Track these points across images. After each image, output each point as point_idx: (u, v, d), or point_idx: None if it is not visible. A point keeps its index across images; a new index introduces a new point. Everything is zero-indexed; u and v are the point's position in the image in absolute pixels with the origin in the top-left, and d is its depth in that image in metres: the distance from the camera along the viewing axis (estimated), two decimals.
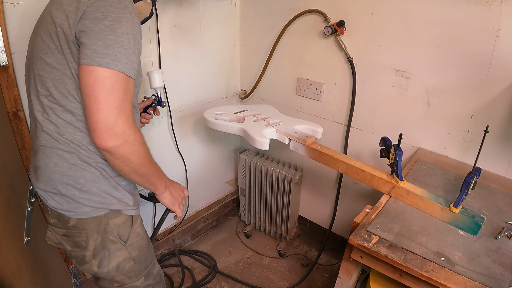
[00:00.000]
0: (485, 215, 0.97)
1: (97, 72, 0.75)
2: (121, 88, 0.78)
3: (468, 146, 1.28)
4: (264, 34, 1.73)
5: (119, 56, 0.77)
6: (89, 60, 0.75)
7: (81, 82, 0.77)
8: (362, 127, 1.55)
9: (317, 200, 1.88)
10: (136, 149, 0.82)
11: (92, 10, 0.76)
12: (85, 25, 0.76)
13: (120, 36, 0.77)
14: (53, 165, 0.85)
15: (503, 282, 0.77)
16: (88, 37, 0.76)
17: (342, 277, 1.07)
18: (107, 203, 0.89)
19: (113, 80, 0.76)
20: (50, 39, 0.81)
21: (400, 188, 1.03)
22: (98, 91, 0.75)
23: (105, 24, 0.76)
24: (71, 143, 0.84)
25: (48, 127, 0.84)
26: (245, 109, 1.49)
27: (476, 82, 1.19)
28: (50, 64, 0.82)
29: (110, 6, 0.77)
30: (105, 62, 0.75)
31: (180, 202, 1.04)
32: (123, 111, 0.77)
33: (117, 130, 0.76)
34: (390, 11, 1.30)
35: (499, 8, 1.07)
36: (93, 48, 0.75)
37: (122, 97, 0.78)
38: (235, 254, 1.95)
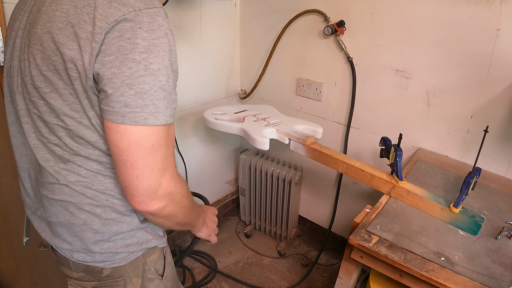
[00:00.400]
0: (485, 215, 0.97)
1: (132, 132, 0.57)
2: (163, 143, 0.61)
3: (468, 146, 1.28)
4: (264, 34, 1.73)
5: (159, 104, 0.58)
6: (118, 117, 0.56)
7: (110, 142, 0.59)
8: (362, 127, 1.55)
9: (317, 200, 1.88)
10: (181, 205, 0.69)
11: (114, 36, 0.55)
12: (107, 64, 0.55)
13: (157, 75, 0.57)
14: (81, 223, 0.70)
15: (503, 282, 0.77)
16: (113, 84, 0.55)
17: (342, 277, 1.07)
18: (145, 243, 0.76)
19: (153, 138, 0.59)
20: (56, 75, 0.60)
21: (400, 188, 1.03)
22: (136, 155, 0.58)
23: (136, 59, 0.55)
24: (101, 194, 0.69)
25: (68, 179, 0.67)
26: (245, 109, 1.49)
27: (476, 82, 1.19)
28: (58, 109, 0.62)
29: (140, 28, 0.56)
30: (142, 118, 0.57)
31: (215, 229, 0.94)
32: (167, 169, 0.62)
33: (162, 192, 0.62)
34: (390, 11, 1.30)
35: (499, 8, 1.07)
36: (123, 101, 0.56)
37: (165, 153, 0.62)
38: (235, 254, 1.95)
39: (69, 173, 0.67)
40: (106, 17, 0.55)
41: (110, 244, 0.72)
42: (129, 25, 0.55)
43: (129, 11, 0.56)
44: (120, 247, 0.73)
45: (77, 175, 0.67)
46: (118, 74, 0.55)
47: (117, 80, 0.55)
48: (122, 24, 0.55)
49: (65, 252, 0.73)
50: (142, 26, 0.56)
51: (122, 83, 0.55)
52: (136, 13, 0.56)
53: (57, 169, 0.68)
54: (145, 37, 0.56)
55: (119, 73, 0.55)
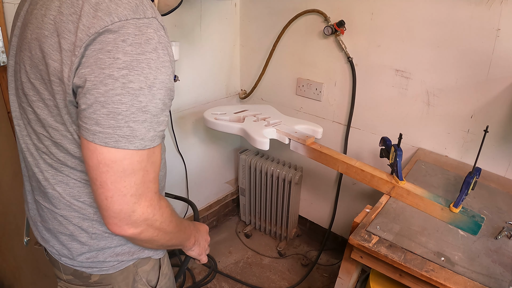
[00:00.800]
0: (485, 215, 0.97)
1: (101, 153, 0.52)
2: (139, 168, 0.55)
3: (468, 146, 1.28)
4: (264, 34, 1.73)
5: (136, 128, 0.53)
6: (89, 135, 0.52)
7: (83, 157, 0.55)
8: (362, 127, 1.55)
9: (317, 200, 1.88)
10: (162, 231, 0.64)
11: (95, 49, 0.50)
12: (82, 77, 0.51)
13: (137, 95, 0.52)
14: (69, 233, 0.68)
15: (503, 282, 0.77)
16: (86, 99, 0.51)
17: (342, 277, 1.07)
18: (137, 252, 0.73)
19: (125, 163, 0.53)
20: (43, 85, 0.57)
21: (400, 188, 1.03)
22: (104, 176, 0.53)
23: (113, 75, 0.50)
24: (89, 207, 0.66)
25: (56, 189, 0.64)
26: (245, 109, 1.49)
27: (476, 82, 1.19)
28: (43, 120, 0.59)
29: (123, 41, 0.50)
30: (113, 140, 0.52)
31: (206, 248, 0.90)
32: (143, 195, 0.57)
33: (136, 218, 0.57)
34: (390, 11, 1.30)
35: (499, 8, 1.07)
36: (94, 118, 0.51)
37: (142, 179, 0.56)
38: (235, 254, 1.95)
39: (57, 182, 0.64)
40: (88, 28, 0.50)
41: (98, 254, 0.69)
42: (112, 37, 0.50)
43: (113, 21, 0.50)
44: (109, 256, 0.70)
45: (64, 185, 0.64)
46: (92, 89, 0.50)
47: (90, 96, 0.51)
48: (105, 36, 0.50)
49: (54, 254, 0.72)
50: (126, 38, 0.50)
51: (95, 100, 0.50)
52: (122, 24, 0.50)
53: (47, 176, 0.65)
54: (127, 51, 0.50)
55: (93, 89, 0.50)
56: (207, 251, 0.90)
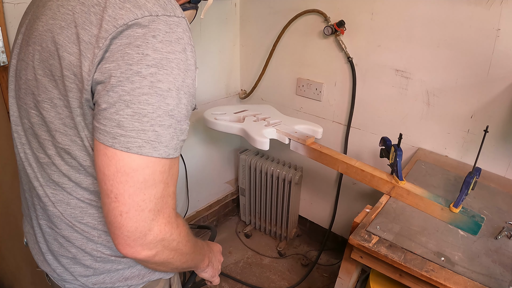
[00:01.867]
0: (485, 215, 0.97)
1: (121, 160, 0.46)
2: (160, 180, 0.49)
3: (468, 146, 1.28)
4: (264, 34, 1.73)
5: (161, 133, 0.48)
6: (108, 139, 0.46)
7: (96, 165, 0.48)
8: (362, 127, 1.55)
9: (317, 200, 1.88)
10: (178, 252, 0.57)
11: (122, 43, 0.46)
12: (105, 72, 0.46)
13: (165, 97, 0.47)
14: (71, 256, 0.62)
15: (503, 282, 0.77)
16: (108, 98, 0.46)
17: (342, 277, 1.07)
18: (147, 275, 0.67)
19: (147, 172, 0.48)
20: (52, 82, 0.51)
21: (400, 188, 1.03)
22: (122, 188, 0.47)
23: (141, 73, 0.46)
24: (93, 229, 0.60)
25: (57, 207, 0.59)
26: (245, 109, 1.49)
27: (476, 82, 1.19)
28: (50, 123, 0.53)
29: (153, 37, 0.46)
30: (136, 145, 0.46)
31: (219, 270, 0.83)
32: (161, 211, 0.51)
33: (152, 239, 0.50)
34: (390, 11, 1.30)
35: (499, 8, 1.07)
36: (117, 119, 0.46)
37: (162, 193, 0.50)
38: (235, 254, 1.95)
39: (57, 201, 0.59)
40: (115, 19, 0.46)
41: (105, 279, 0.63)
42: (142, 31, 0.46)
43: (143, 15, 0.46)
44: (117, 281, 0.64)
45: (65, 205, 0.59)
46: (116, 86, 0.45)
47: (114, 94, 0.45)
48: (133, 30, 0.46)
49: (56, 280, 0.66)
50: (156, 34, 0.46)
51: (120, 98, 0.45)
52: (152, 19, 0.47)
53: (47, 192, 0.59)
54: (157, 48, 0.46)
55: (117, 86, 0.45)
56: (220, 271, 0.83)
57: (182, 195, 1.86)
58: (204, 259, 0.72)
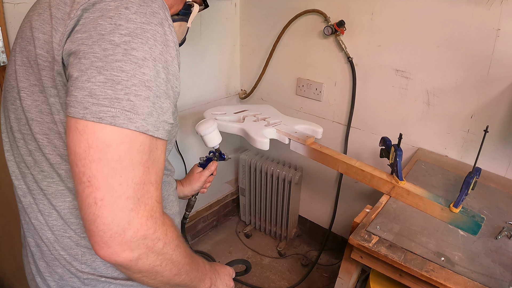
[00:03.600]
0: (485, 215, 0.97)
1: (93, 133, 0.42)
2: (139, 161, 0.44)
3: (468, 146, 1.28)
4: (264, 34, 1.73)
5: (137, 103, 0.44)
6: (79, 110, 0.42)
7: (68, 147, 0.44)
8: (362, 127, 1.55)
9: (317, 200, 1.88)
10: (167, 257, 0.50)
11: (94, 16, 0.44)
12: (76, 41, 0.44)
13: (140, 65, 0.44)
14: (58, 278, 0.56)
15: (503, 282, 0.77)
16: (80, 65, 0.43)
17: (342, 277, 1.07)
18: None
19: (122, 149, 0.43)
20: (29, 69, 0.49)
21: (400, 188, 1.03)
22: (94, 168, 0.42)
23: (114, 41, 0.43)
24: (76, 246, 0.55)
25: (38, 218, 0.54)
26: (245, 109, 1.48)
27: (476, 82, 1.19)
28: (27, 112, 0.50)
29: (126, 9, 0.44)
30: (109, 115, 0.42)
31: None
32: (142, 200, 0.44)
33: (133, 234, 0.44)
34: (390, 11, 1.30)
35: (499, 8, 1.07)
36: (88, 87, 0.42)
37: (141, 178, 0.44)
38: (235, 254, 1.95)
39: (38, 210, 0.54)
40: None
41: None
42: (114, 4, 0.44)
43: None
44: None
45: (47, 216, 0.53)
46: (88, 53, 0.43)
47: (86, 61, 0.42)
48: (106, 3, 0.44)
49: None
50: (130, 6, 0.45)
51: (91, 64, 0.42)
52: None
53: (29, 202, 0.54)
54: (131, 18, 0.44)
55: (89, 53, 0.43)
56: None
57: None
58: (204, 279, 0.63)
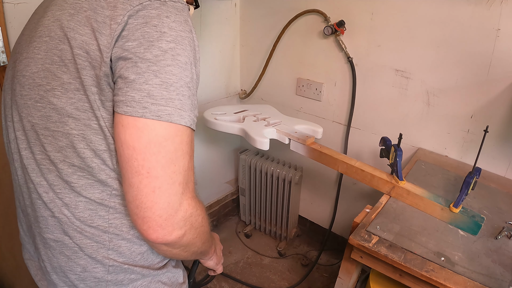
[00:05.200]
0: (485, 215, 0.97)
1: (153, 129, 0.47)
2: (187, 150, 0.51)
3: (468, 146, 1.28)
4: (264, 34, 1.73)
5: (184, 101, 0.50)
6: (138, 109, 0.47)
7: (122, 143, 0.48)
8: (362, 127, 1.55)
9: (317, 200, 1.88)
10: (202, 230, 0.58)
11: (138, 23, 0.49)
12: (129, 49, 0.48)
13: (184, 69, 0.51)
14: (80, 270, 0.58)
15: (503, 282, 0.77)
16: (137, 68, 0.48)
17: (342, 277, 1.07)
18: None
19: (177, 141, 0.49)
20: (62, 68, 0.51)
21: (400, 188, 1.03)
22: (154, 159, 0.47)
23: (162, 47, 0.49)
24: (104, 233, 0.57)
25: (63, 212, 0.56)
26: (245, 109, 1.48)
27: (476, 82, 1.19)
28: (61, 109, 0.52)
29: (167, 17, 0.50)
30: (167, 113, 0.48)
31: (222, 258, 0.84)
32: (188, 184, 0.52)
33: (182, 215, 0.51)
34: (390, 11, 1.30)
35: (499, 8, 1.07)
36: (146, 89, 0.47)
37: (188, 165, 0.52)
38: (235, 254, 1.95)
39: (64, 204, 0.56)
40: (130, 1, 0.50)
41: None
42: (155, 12, 0.50)
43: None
44: None
45: (73, 208, 0.56)
46: (143, 58, 0.48)
47: (142, 65, 0.48)
48: (148, 11, 0.49)
49: None
50: (169, 15, 0.50)
51: (148, 68, 0.48)
52: (162, 2, 0.51)
53: (51, 197, 0.56)
54: (172, 26, 0.50)
55: (144, 58, 0.48)
56: (222, 260, 0.84)
57: None
58: (212, 245, 0.73)
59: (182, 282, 0.70)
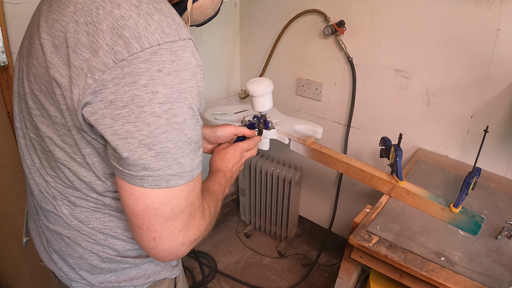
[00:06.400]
0: (485, 215, 0.97)
1: (149, 198, 0.48)
2: (186, 204, 0.52)
3: (468, 146, 1.28)
4: (264, 34, 1.73)
5: (184, 162, 0.49)
6: (136, 180, 0.47)
7: (123, 202, 0.50)
8: (362, 127, 1.55)
9: (317, 200, 1.88)
10: (210, 226, 0.62)
11: (125, 83, 0.43)
12: (119, 119, 0.44)
13: (182, 129, 0.47)
14: (78, 256, 0.62)
15: (503, 282, 0.77)
16: (128, 145, 0.45)
17: (342, 277, 1.07)
18: (152, 275, 0.68)
19: (174, 202, 0.50)
20: (48, 99, 0.49)
21: (400, 188, 1.03)
22: (152, 220, 0.49)
23: (156, 112, 0.44)
24: (99, 233, 0.60)
25: (63, 211, 0.59)
26: (245, 109, 1.48)
27: (476, 82, 1.19)
28: (48, 138, 0.53)
29: (159, 71, 0.44)
30: (164, 181, 0.48)
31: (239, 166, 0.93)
32: (191, 225, 0.54)
33: (186, 247, 0.55)
34: (390, 11, 1.30)
35: (499, 8, 1.07)
36: (142, 164, 0.46)
37: (189, 213, 0.53)
38: (235, 254, 1.95)
39: (63, 204, 0.58)
40: (114, 52, 0.43)
41: (112, 278, 0.64)
42: (145, 66, 0.43)
43: (143, 48, 0.43)
44: (123, 280, 0.65)
45: (71, 209, 0.58)
46: (134, 132, 0.44)
47: (133, 141, 0.45)
48: (135, 66, 0.42)
49: (63, 279, 0.66)
50: (162, 68, 0.43)
51: (140, 143, 0.45)
52: (154, 50, 0.43)
53: (52, 195, 0.58)
54: (166, 82, 0.44)
55: (135, 132, 0.44)
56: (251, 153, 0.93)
57: None
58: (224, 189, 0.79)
59: (175, 265, 0.72)
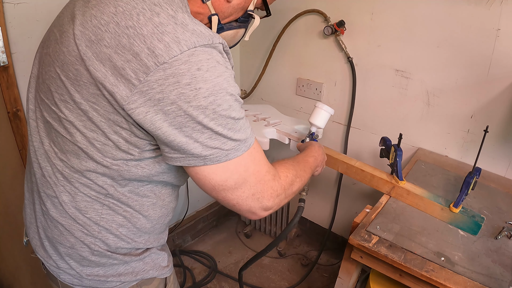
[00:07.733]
0: (485, 215, 0.97)
1: (214, 175, 0.55)
2: (250, 173, 0.57)
3: (468, 146, 1.28)
4: (264, 34, 1.73)
5: (237, 137, 0.55)
6: (198, 161, 0.54)
7: (196, 183, 0.58)
8: (362, 127, 1.55)
9: (317, 200, 1.88)
10: (293, 192, 0.69)
11: (170, 83, 0.48)
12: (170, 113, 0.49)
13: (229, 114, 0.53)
14: (69, 246, 0.63)
15: (503, 282, 0.77)
16: (183, 133, 0.51)
17: (342, 277, 1.07)
18: (141, 273, 0.68)
19: (235, 176, 0.56)
20: (76, 86, 0.52)
21: (400, 188, 1.03)
22: (223, 194, 0.57)
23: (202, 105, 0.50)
24: (95, 224, 0.61)
25: (62, 197, 0.60)
26: (245, 109, 1.48)
27: (476, 82, 1.19)
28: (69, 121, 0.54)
29: (198, 70, 0.48)
30: (224, 155, 0.54)
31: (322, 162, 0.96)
32: (264, 189, 0.60)
33: (266, 209, 0.62)
34: (390, 11, 1.30)
35: (499, 8, 1.07)
36: (199, 147, 0.52)
37: (255, 179, 0.59)
38: (235, 254, 1.95)
39: (64, 191, 0.60)
40: (155, 56, 0.47)
41: (99, 271, 0.65)
42: (185, 67, 0.47)
43: (182, 51, 0.48)
44: (111, 275, 0.66)
45: (71, 196, 0.60)
46: (185, 124, 0.50)
47: (187, 129, 0.50)
48: (176, 67, 0.47)
49: (52, 269, 0.67)
50: (200, 66, 0.48)
51: (193, 130, 0.50)
52: (191, 52, 0.48)
53: (56, 179, 0.60)
54: (207, 78, 0.49)
55: (188, 121, 0.50)
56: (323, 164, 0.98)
57: (182, 195, 1.86)
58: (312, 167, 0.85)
59: (166, 266, 0.73)
